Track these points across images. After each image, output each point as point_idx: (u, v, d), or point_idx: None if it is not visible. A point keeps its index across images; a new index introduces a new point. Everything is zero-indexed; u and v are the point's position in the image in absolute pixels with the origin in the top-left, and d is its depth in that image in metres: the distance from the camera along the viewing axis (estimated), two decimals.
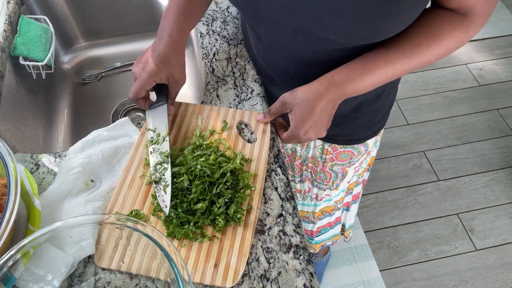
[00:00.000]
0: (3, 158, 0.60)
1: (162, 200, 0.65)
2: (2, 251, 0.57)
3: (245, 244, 0.61)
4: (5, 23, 0.93)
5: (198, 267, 0.60)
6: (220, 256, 0.61)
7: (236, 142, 0.73)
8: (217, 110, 0.77)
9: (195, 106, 0.78)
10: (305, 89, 0.66)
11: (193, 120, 0.77)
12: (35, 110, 1.02)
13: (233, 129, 0.75)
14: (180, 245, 0.62)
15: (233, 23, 0.99)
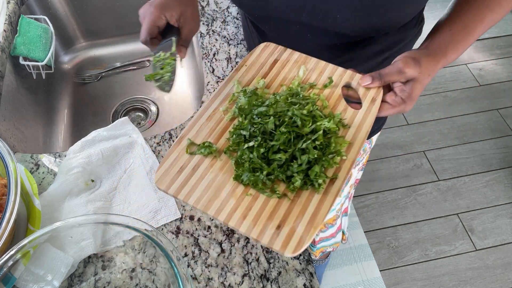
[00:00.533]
0: (3, 158, 0.60)
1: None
2: (2, 251, 0.57)
3: (318, 214, 0.52)
4: (5, 23, 0.93)
5: (258, 222, 0.51)
6: (286, 219, 0.51)
7: (337, 103, 0.63)
8: (324, 65, 0.67)
9: (301, 55, 0.68)
10: (427, 62, 0.60)
11: (294, 70, 0.67)
12: (35, 110, 1.02)
13: (337, 89, 0.64)
14: (245, 193, 0.54)
15: (233, 23, 0.99)
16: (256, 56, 0.68)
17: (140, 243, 0.66)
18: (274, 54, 0.68)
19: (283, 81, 0.66)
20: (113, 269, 0.64)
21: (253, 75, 0.66)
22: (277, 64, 0.68)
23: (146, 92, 1.14)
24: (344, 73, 0.65)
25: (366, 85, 0.62)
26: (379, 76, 0.61)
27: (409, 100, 0.59)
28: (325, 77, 0.65)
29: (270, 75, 0.66)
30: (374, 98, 0.62)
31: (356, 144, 0.58)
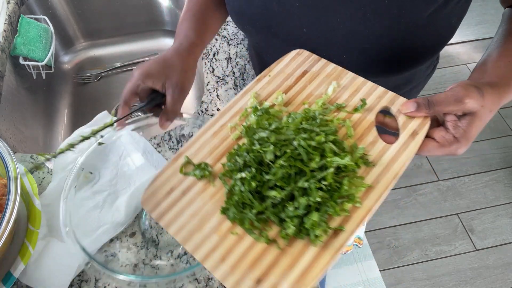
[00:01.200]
0: (3, 158, 0.60)
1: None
2: (2, 251, 0.57)
3: (310, 273, 0.41)
4: (5, 23, 0.93)
5: (237, 270, 0.43)
6: (270, 272, 0.42)
7: (366, 133, 0.51)
8: (361, 83, 0.55)
9: (336, 68, 0.57)
10: (491, 94, 0.49)
11: (324, 85, 0.56)
12: (35, 110, 1.02)
13: (371, 113, 0.52)
14: (230, 230, 0.45)
15: (233, 23, 0.99)
16: (284, 65, 0.59)
17: (142, 241, 0.66)
18: (305, 65, 0.58)
19: (307, 98, 0.55)
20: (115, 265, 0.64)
21: (275, 87, 0.57)
22: (306, 77, 0.57)
23: None
24: (384, 94, 0.53)
25: (408, 113, 0.49)
26: (428, 103, 0.48)
27: (464, 140, 0.47)
28: (359, 97, 0.53)
29: (294, 89, 0.56)
30: (416, 131, 0.49)
31: (378, 188, 0.46)
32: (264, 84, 0.57)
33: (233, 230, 0.46)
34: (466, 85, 0.48)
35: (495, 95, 0.49)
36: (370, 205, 0.45)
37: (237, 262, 0.43)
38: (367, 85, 0.55)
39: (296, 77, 0.57)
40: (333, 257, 0.42)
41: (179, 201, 0.48)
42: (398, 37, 0.56)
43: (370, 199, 0.45)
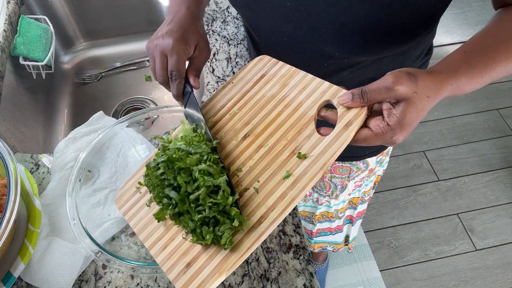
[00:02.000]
0: (3, 158, 0.60)
1: None
2: (2, 251, 0.57)
3: (227, 262, 0.47)
4: (5, 23, 0.93)
5: (173, 256, 0.50)
6: (198, 258, 0.49)
7: (305, 127, 0.53)
8: (309, 80, 0.56)
9: (289, 69, 0.59)
10: (427, 80, 0.48)
11: (277, 86, 0.58)
12: (35, 110, 1.02)
13: (312, 109, 0.54)
14: (174, 223, 0.52)
15: (233, 23, 0.99)
16: (246, 71, 0.63)
17: None
18: (264, 69, 0.61)
19: (260, 99, 0.58)
20: (113, 268, 0.64)
21: (234, 93, 0.61)
22: (262, 80, 0.61)
23: (146, 92, 1.14)
24: (328, 89, 0.54)
25: (345, 104, 0.50)
26: (361, 93, 0.48)
27: (398, 127, 0.47)
28: (306, 94, 0.56)
29: (250, 93, 0.60)
30: (350, 121, 0.50)
31: (303, 180, 0.49)
32: (227, 91, 0.62)
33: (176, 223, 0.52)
34: (397, 72, 0.47)
35: (431, 81, 0.48)
36: (294, 195, 0.48)
37: (174, 249, 0.51)
38: (314, 82, 0.56)
39: (254, 82, 0.61)
40: (254, 243, 0.47)
41: (141, 199, 0.57)
42: (376, 14, 0.55)
43: (295, 190, 0.48)
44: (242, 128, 0.57)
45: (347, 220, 1.20)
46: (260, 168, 0.52)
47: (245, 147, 0.55)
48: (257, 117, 0.57)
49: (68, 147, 0.75)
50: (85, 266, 0.63)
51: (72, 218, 0.59)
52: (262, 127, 0.55)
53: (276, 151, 0.52)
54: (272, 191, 0.49)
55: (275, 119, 0.55)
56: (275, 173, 0.51)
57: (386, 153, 0.96)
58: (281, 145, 0.53)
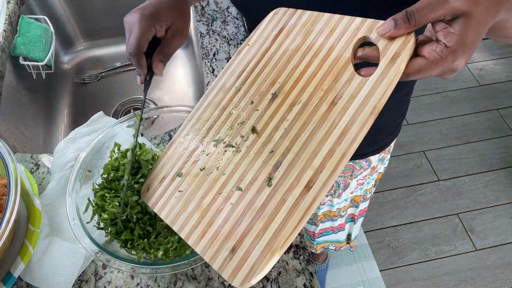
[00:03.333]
0: (3, 158, 0.60)
1: None
2: (2, 251, 0.57)
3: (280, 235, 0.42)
4: (5, 23, 0.93)
5: (214, 242, 0.46)
6: (243, 239, 0.43)
7: (342, 71, 0.45)
8: (337, 20, 0.49)
9: (311, 15, 0.52)
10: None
11: (299, 38, 0.51)
12: (35, 110, 1.02)
13: (347, 50, 0.46)
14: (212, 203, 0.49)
15: (233, 23, 0.99)
16: (262, 30, 0.56)
17: None
18: (281, 22, 0.54)
19: (283, 54, 0.52)
20: (113, 268, 0.64)
21: (252, 55, 0.55)
22: (282, 34, 0.53)
23: None
24: (361, 24, 0.46)
25: (387, 35, 0.42)
26: (406, 16, 0.39)
27: (461, 48, 0.38)
28: (335, 38, 0.48)
29: (270, 51, 0.53)
30: (396, 53, 0.41)
31: (353, 129, 0.42)
32: (243, 55, 0.56)
33: (215, 201, 0.48)
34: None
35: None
36: (344, 149, 0.42)
37: (214, 235, 0.46)
38: (343, 21, 0.48)
39: (272, 37, 0.54)
40: (303, 217, 0.41)
41: (169, 188, 0.53)
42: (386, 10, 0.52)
43: (344, 143, 0.42)
44: (268, 89, 0.51)
45: (349, 219, 1.20)
46: (297, 128, 0.46)
47: (276, 109, 0.48)
48: (284, 74, 0.50)
49: (68, 147, 0.75)
50: (85, 266, 0.63)
51: (72, 218, 0.59)
52: (291, 83, 0.49)
53: (312, 106, 0.46)
54: (316, 150, 0.43)
55: (304, 71, 0.48)
56: (316, 130, 0.44)
57: (388, 151, 0.96)
58: (318, 98, 0.46)
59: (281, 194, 0.43)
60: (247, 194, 0.45)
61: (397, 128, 0.90)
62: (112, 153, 0.67)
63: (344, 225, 1.21)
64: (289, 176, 0.43)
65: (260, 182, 0.45)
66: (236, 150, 0.49)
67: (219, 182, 0.48)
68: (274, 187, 0.44)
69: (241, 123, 0.51)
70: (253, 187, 0.45)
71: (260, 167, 0.46)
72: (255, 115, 0.50)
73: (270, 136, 0.47)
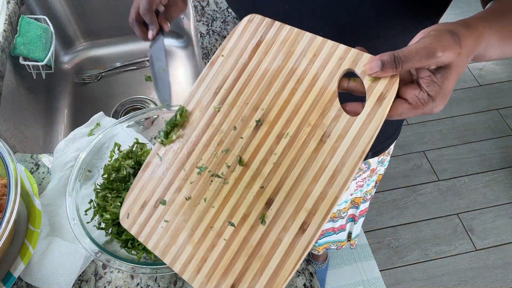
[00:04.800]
0: (3, 158, 0.60)
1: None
2: (2, 251, 0.57)
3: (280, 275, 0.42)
4: (5, 23, 0.93)
5: (212, 279, 0.44)
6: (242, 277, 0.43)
7: (328, 106, 0.44)
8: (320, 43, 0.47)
9: (291, 30, 0.49)
10: (468, 38, 0.41)
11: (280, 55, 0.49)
12: (35, 110, 1.02)
13: (332, 81, 0.45)
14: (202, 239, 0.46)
15: (233, 23, 0.99)
16: (236, 39, 0.52)
17: None
18: (258, 33, 0.51)
19: (263, 76, 0.49)
20: (113, 268, 0.64)
21: (229, 69, 0.51)
22: (260, 48, 0.50)
23: (146, 92, 1.14)
24: (346, 54, 0.45)
25: (373, 74, 0.42)
26: (395, 60, 0.40)
27: (440, 98, 0.41)
28: (319, 63, 0.46)
29: (249, 66, 0.50)
30: (382, 94, 0.42)
31: (344, 172, 0.41)
32: (218, 68, 0.52)
33: (205, 236, 0.46)
34: (437, 32, 0.40)
35: (471, 38, 0.41)
36: (336, 192, 0.41)
37: (211, 271, 0.44)
38: (326, 46, 0.47)
39: (250, 51, 0.50)
40: (300, 258, 0.41)
41: (152, 215, 0.49)
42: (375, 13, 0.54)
43: (335, 186, 0.41)
44: (251, 114, 0.48)
45: (349, 219, 1.20)
46: (286, 164, 0.44)
47: (261, 139, 0.47)
48: (267, 99, 0.48)
49: (68, 147, 0.75)
50: (85, 266, 0.63)
51: (72, 218, 0.59)
52: (275, 111, 0.47)
53: (300, 141, 0.44)
54: (308, 191, 0.42)
55: (289, 99, 0.47)
56: (306, 169, 0.43)
57: (388, 153, 0.96)
58: (305, 133, 0.44)
59: (276, 234, 0.42)
60: (240, 230, 0.44)
61: (396, 131, 0.90)
62: (112, 153, 0.67)
63: (345, 225, 1.21)
64: (282, 216, 0.43)
65: (253, 219, 0.44)
66: (223, 181, 0.47)
67: (208, 214, 0.46)
68: (268, 225, 0.43)
69: (225, 150, 0.48)
70: (246, 223, 0.44)
71: (251, 202, 0.45)
72: (240, 144, 0.47)
73: (259, 170, 0.45)
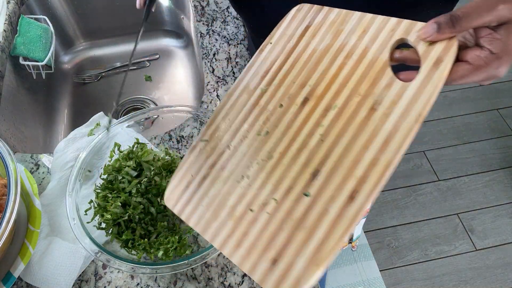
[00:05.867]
0: (3, 158, 0.60)
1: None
2: (2, 251, 0.57)
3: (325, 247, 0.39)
4: (5, 23, 0.93)
5: (252, 252, 0.42)
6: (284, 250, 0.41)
7: (380, 75, 0.43)
8: (369, 20, 0.47)
9: (339, 12, 0.50)
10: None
11: (328, 36, 0.49)
12: (35, 110, 1.02)
13: (383, 51, 0.44)
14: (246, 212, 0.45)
15: (233, 23, 0.99)
16: (285, 27, 0.53)
17: None
18: (306, 19, 0.52)
19: (311, 55, 0.49)
20: (113, 267, 0.64)
21: (276, 54, 0.52)
22: (308, 32, 0.51)
23: (146, 92, 1.14)
24: (398, 25, 0.44)
25: (429, 38, 0.40)
26: (451, 20, 0.38)
27: (505, 54, 0.38)
28: (368, 38, 0.46)
29: (296, 50, 0.50)
30: (440, 58, 0.40)
31: (397, 137, 0.39)
32: (266, 54, 0.52)
33: (249, 209, 0.44)
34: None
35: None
36: (389, 157, 0.39)
37: (252, 245, 0.42)
38: (376, 21, 0.46)
39: (298, 36, 0.51)
40: (348, 227, 0.38)
41: (196, 193, 0.49)
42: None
43: (388, 151, 0.39)
44: (298, 91, 0.47)
45: None
46: (334, 135, 0.43)
47: (308, 113, 0.45)
48: (314, 76, 0.47)
49: (68, 147, 0.75)
50: (85, 266, 0.63)
51: (72, 218, 0.59)
52: (323, 86, 0.46)
53: (349, 111, 0.43)
54: (357, 159, 0.40)
55: (337, 74, 0.46)
56: (356, 137, 0.41)
57: None
58: (354, 103, 0.43)
59: (323, 205, 0.40)
60: (284, 203, 0.43)
61: None
62: (112, 153, 0.67)
63: None
64: (329, 186, 0.41)
65: (297, 191, 0.42)
66: (268, 156, 0.46)
67: (251, 189, 0.45)
68: (314, 197, 0.41)
69: (271, 127, 0.47)
70: (290, 196, 0.42)
71: (296, 175, 0.43)
72: (286, 119, 0.46)
73: (305, 143, 0.44)
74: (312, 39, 0.50)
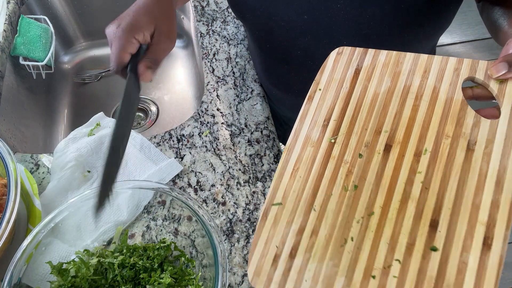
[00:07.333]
0: (3, 158, 0.60)
1: None
2: (2, 251, 0.57)
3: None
4: (5, 23, 0.93)
5: None
6: None
7: (462, 115, 0.43)
8: (427, 60, 0.47)
9: (389, 54, 0.49)
10: None
11: (386, 78, 0.48)
12: (35, 110, 1.02)
13: (456, 91, 0.45)
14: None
15: (233, 23, 0.99)
16: (330, 72, 0.51)
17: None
18: (353, 63, 0.50)
19: (375, 99, 0.47)
20: None
21: (332, 99, 0.49)
22: (361, 76, 0.49)
23: (146, 92, 1.14)
24: (460, 64, 0.46)
25: (500, 76, 0.43)
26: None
27: None
28: (433, 79, 0.46)
29: (355, 94, 0.48)
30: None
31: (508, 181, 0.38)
32: (319, 101, 0.49)
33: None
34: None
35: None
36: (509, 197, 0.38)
37: None
38: (435, 61, 0.47)
39: (350, 79, 0.49)
40: (497, 275, 0.37)
41: (291, 268, 0.41)
42: (398, 22, 0.56)
43: (505, 191, 0.39)
44: (375, 138, 0.45)
45: None
46: (438, 181, 0.40)
47: (396, 161, 0.43)
48: (387, 121, 0.45)
49: (68, 147, 0.75)
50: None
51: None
52: (402, 131, 0.44)
53: (445, 154, 0.41)
54: (475, 203, 0.39)
55: (413, 116, 0.44)
56: (464, 180, 0.40)
57: None
58: (446, 145, 0.42)
59: (458, 257, 0.37)
60: (410, 262, 0.38)
61: None
62: None
63: None
64: (456, 236, 0.38)
65: (421, 247, 0.38)
66: (368, 212, 0.41)
67: (363, 253, 0.39)
68: (443, 250, 0.38)
69: (358, 180, 0.43)
70: (414, 253, 0.38)
71: (411, 229, 0.39)
72: (373, 170, 0.43)
73: (407, 193, 0.41)
74: (369, 83, 0.48)
